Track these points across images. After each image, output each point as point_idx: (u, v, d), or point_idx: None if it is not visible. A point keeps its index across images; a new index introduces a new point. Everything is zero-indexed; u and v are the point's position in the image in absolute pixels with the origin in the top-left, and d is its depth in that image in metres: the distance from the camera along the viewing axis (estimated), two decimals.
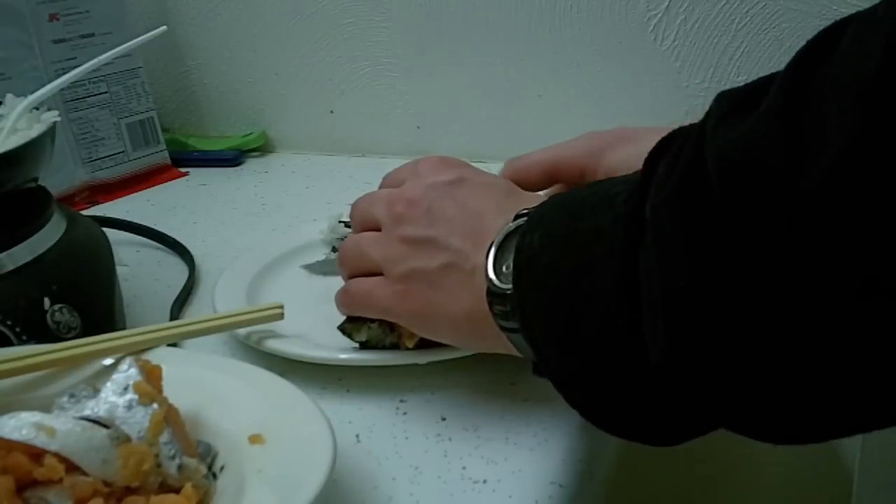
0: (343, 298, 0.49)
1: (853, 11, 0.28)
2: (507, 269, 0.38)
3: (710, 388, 0.31)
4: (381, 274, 0.46)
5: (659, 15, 0.77)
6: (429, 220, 0.44)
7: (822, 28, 0.28)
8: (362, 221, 0.49)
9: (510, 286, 0.37)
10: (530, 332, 0.37)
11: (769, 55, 0.74)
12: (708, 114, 0.30)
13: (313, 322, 0.53)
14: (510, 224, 0.39)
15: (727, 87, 0.31)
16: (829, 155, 0.24)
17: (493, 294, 0.38)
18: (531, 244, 0.36)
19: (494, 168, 0.86)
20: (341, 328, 0.49)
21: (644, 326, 0.31)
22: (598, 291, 0.33)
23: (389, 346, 0.48)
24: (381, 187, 0.51)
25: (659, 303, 0.30)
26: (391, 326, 0.48)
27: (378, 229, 0.47)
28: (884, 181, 0.23)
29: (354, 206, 0.51)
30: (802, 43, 0.28)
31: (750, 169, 0.26)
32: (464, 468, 0.41)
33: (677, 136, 0.32)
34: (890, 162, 0.23)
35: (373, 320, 0.47)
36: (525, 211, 0.39)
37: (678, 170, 0.29)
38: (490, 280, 0.38)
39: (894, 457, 0.67)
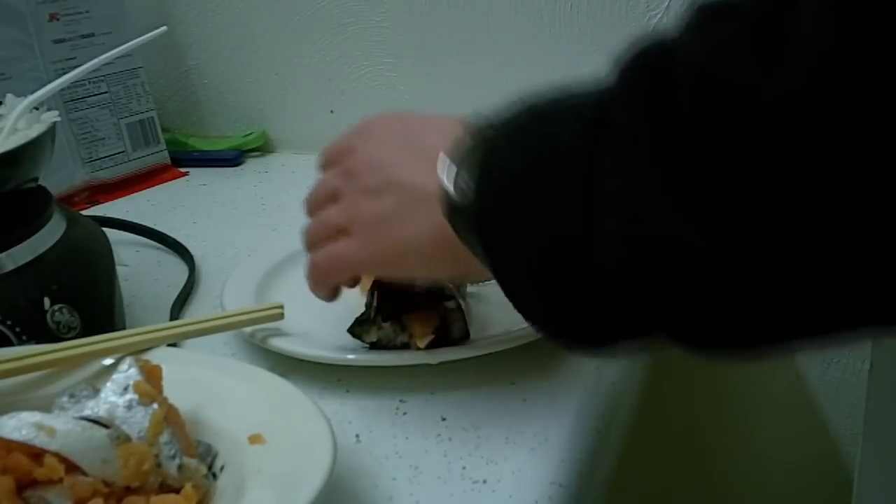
0: (313, 270, 0.48)
1: None
2: (466, 184, 0.38)
3: (657, 293, 0.30)
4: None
5: (659, 15, 0.77)
6: (379, 168, 0.44)
7: None
8: (321, 201, 0.48)
9: (471, 198, 0.37)
10: (489, 226, 0.36)
11: None
12: (684, 23, 0.29)
13: (319, 322, 0.53)
14: (467, 141, 0.39)
15: None
16: (796, 65, 0.24)
17: (452, 208, 0.38)
18: (499, 138, 0.36)
19: None
20: (351, 331, 0.49)
21: (599, 231, 0.31)
22: (558, 190, 0.33)
23: (400, 346, 0.48)
24: (325, 166, 0.50)
25: (615, 206, 0.30)
26: (402, 327, 0.48)
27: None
28: (850, 92, 0.23)
29: (309, 199, 0.50)
30: None
31: (717, 76, 0.26)
32: (464, 468, 0.41)
33: (652, 44, 0.31)
34: (858, 73, 0.23)
35: (384, 320, 0.47)
36: (485, 126, 0.38)
37: (649, 76, 0.29)
38: (448, 194, 0.38)
39: (894, 457, 0.67)
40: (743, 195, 0.26)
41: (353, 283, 0.50)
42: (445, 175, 0.39)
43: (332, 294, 0.49)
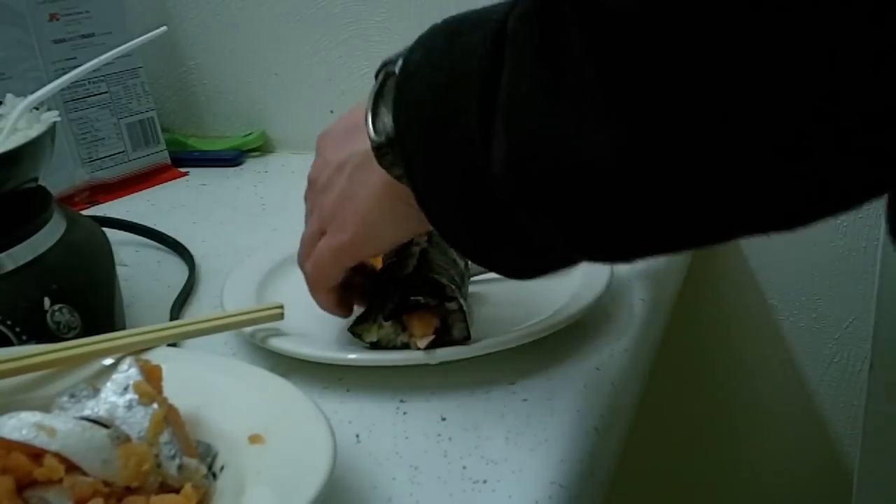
0: (308, 281, 0.49)
1: None
2: (383, 124, 0.39)
3: (541, 198, 0.31)
4: None
5: None
6: (326, 164, 0.47)
7: None
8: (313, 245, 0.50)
9: (391, 135, 0.38)
10: (404, 149, 0.37)
11: None
12: None
13: (319, 322, 0.53)
14: (379, 80, 0.40)
15: None
16: None
17: (378, 151, 0.39)
18: (413, 60, 0.37)
19: None
20: (351, 330, 0.49)
21: (494, 139, 0.32)
22: (463, 105, 0.33)
23: (400, 346, 0.48)
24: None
25: (503, 109, 0.31)
26: (403, 327, 0.48)
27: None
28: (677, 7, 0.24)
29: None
30: None
31: None
32: (464, 468, 0.41)
33: None
34: None
35: (385, 320, 0.47)
36: (394, 61, 0.39)
37: None
38: (372, 139, 0.39)
39: (894, 457, 0.67)
40: (613, 98, 0.27)
41: (356, 278, 0.50)
42: (370, 124, 0.40)
43: (341, 308, 0.50)
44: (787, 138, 0.25)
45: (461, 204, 0.36)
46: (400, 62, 0.38)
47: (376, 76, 0.40)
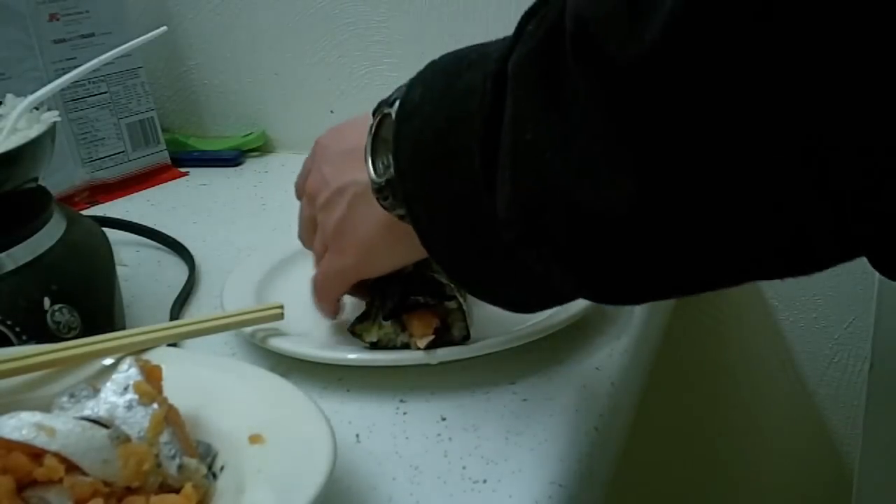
0: (314, 292, 0.51)
1: None
2: (384, 163, 0.39)
3: (549, 244, 0.31)
4: None
5: None
6: (326, 183, 0.47)
7: None
8: (307, 233, 0.52)
9: (391, 174, 0.38)
10: (405, 189, 0.37)
11: None
12: None
13: (319, 322, 0.53)
14: (376, 119, 0.40)
15: None
16: (658, 22, 0.24)
17: (377, 189, 0.40)
18: (412, 100, 0.37)
19: None
20: (351, 330, 0.49)
21: (497, 181, 0.32)
22: (464, 147, 0.33)
23: (400, 345, 0.48)
24: (298, 197, 0.53)
25: (508, 154, 0.31)
26: (402, 326, 0.48)
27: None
28: (703, 55, 0.23)
29: (300, 234, 0.54)
30: None
31: (594, 30, 0.26)
32: (464, 468, 0.41)
33: None
34: (710, 36, 0.23)
35: (385, 319, 0.47)
36: (393, 100, 0.39)
37: (542, 27, 0.30)
38: (371, 178, 0.40)
39: (894, 457, 0.67)
40: (619, 148, 0.27)
41: (356, 292, 0.51)
42: (370, 164, 0.41)
43: (335, 311, 0.52)
44: (789, 188, 0.25)
45: (465, 243, 0.36)
46: (397, 102, 0.38)
47: (374, 114, 0.41)
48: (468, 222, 0.35)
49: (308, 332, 0.52)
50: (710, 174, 0.25)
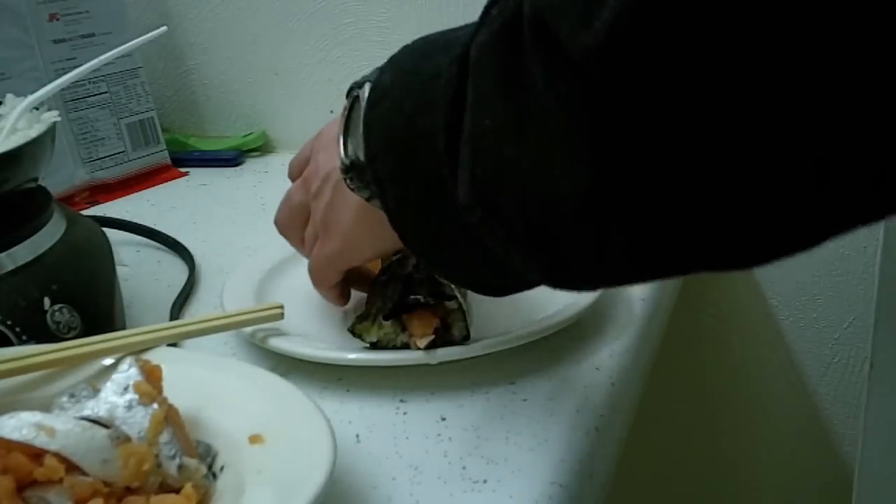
0: (310, 277, 0.51)
1: None
2: (354, 148, 0.39)
3: (505, 229, 0.31)
4: None
5: None
6: (318, 171, 0.47)
7: None
8: (293, 217, 0.52)
9: (361, 160, 0.38)
10: (374, 172, 0.37)
11: None
12: None
13: (319, 322, 0.53)
14: (349, 102, 0.40)
15: None
16: (608, 10, 0.24)
17: (343, 171, 0.40)
18: (383, 84, 0.37)
19: None
20: (351, 330, 0.49)
21: (458, 166, 0.32)
22: (430, 131, 0.33)
23: (400, 345, 0.48)
24: (292, 178, 0.53)
25: (468, 140, 0.31)
26: (403, 326, 0.48)
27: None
28: (653, 44, 0.23)
29: (280, 216, 0.54)
30: None
31: (549, 18, 0.26)
32: (464, 468, 0.41)
33: None
34: (660, 23, 0.23)
35: (385, 319, 0.47)
36: (364, 80, 0.39)
37: (504, 12, 0.30)
38: (340, 159, 0.40)
39: (894, 457, 0.67)
40: (568, 133, 0.27)
41: (357, 285, 0.52)
42: (340, 146, 0.41)
43: (339, 297, 0.52)
44: (740, 176, 0.24)
45: (433, 227, 0.37)
46: (367, 85, 0.38)
47: (346, 96, 0.41)
48: (435, 206, 0.35)
49: (308, 332, 0.52)
50: (662, 163, 0.25)
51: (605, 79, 0.25)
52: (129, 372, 0.38)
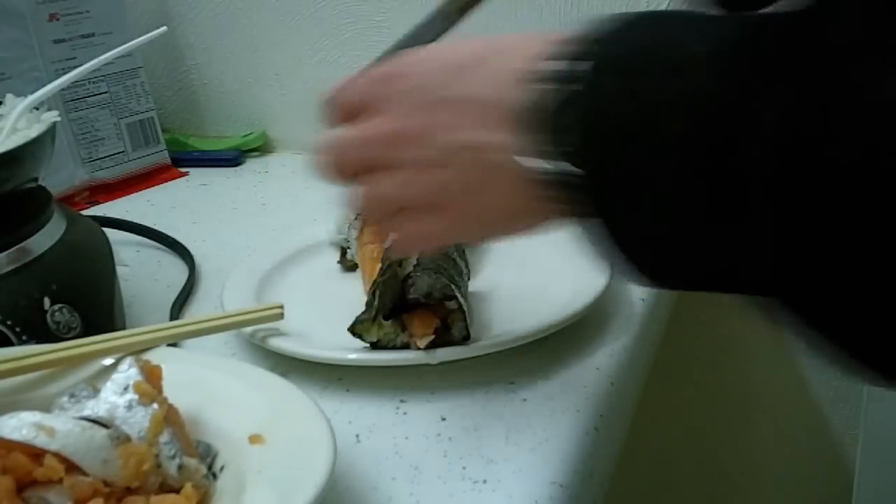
0: (397, 250, 0.44)
1: None
2: (558, 146, 0.33)
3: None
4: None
5: None
6: (426, 135, 0.39)
7: None
8: (352, 168, 0.43)
9: (572, 168, 0.32)
10: (597, 184, 0.32)
11: None
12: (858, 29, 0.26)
13: (319, 322, 0.53)
14: (525, 93, 0.34)
15: None
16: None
17: (543, 183, 0.34)
18: (607, 86, 0.31)
19: None
20: (351, 330, 0.49)
21: (747, 214, 0.27)
22: (678, 169, 0.29)
23: (400, 345, 0.48)
24: (343, 117, 0.44)
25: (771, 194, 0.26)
26: (403, 326, 0.48)
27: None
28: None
29: (326, 156, 0.43)
30: None
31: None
32: (464, 468, 0.41)
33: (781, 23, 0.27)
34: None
35: (385, 319, 0.47)
36: (553, 67, 0.33)
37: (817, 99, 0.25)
38: (536, 169, 0.34)
39: (894, 457, 0.67)
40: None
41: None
42: (526, 134, 0.34)
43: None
44: None
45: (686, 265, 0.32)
46: (583, 82, 0.32)
47: (534, 82, 0.34)
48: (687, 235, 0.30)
49: (308, 332, 0.52)
50: None
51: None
52: (129, 372, 0.38)
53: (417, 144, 0.39)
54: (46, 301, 0.48)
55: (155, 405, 0.37)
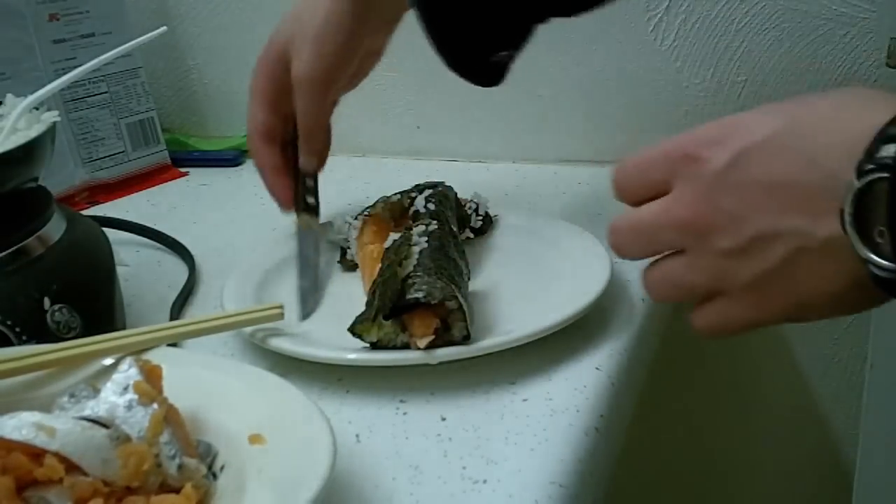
0: (702, 328, 0.42)
1: (853, 11, 0.28)
2: (881, 237, 0.31)
3: None
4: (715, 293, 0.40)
5: (659, 15, 0.77)
6: (736, 222, 0.37)
7: (821, 28, 0.27)
8: (649, 251, 0.42)
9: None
10: None
11: (769, 55, 0.74)
12: None
13: (319, 322, 0.53)
14: (857, 181, 0.32)
15: (727, 87, 0.30)
16: None
17: (879, 279, 0.32)
18: None
19: (497, 168, 0.86)
20: (351, 330, 0.48)
21: None
22: None
23: (400, 345, 0.48)
24: (621, 192, 0.43)
25: None
26: (403, 326, 0.47)
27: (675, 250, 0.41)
28: None
29: (622, 238, 0.43)
30: (802, 43, 0.27)
31: None
32: (464, 468, 0.41)
33: None
34: None
35: (385, 319, 0.47)
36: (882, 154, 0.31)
37: None
38: (870, 260, 0.32)
39: (894, 457, 0.67)
40: None
41: None
42: (859, 244, 0.32)
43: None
44: None
45: None
46: None
47: (859, 174, 0.32)
48: None
49: (308, 332, 0.52)
50: None
51: None
52: (129, 372, 0.38)
53: (726, 232, 0.37)
54: (46, 301, 0.48)
55: (155, 405, 0.37)
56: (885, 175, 0.31)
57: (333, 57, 0.57)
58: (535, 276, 0.57)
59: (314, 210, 0.63)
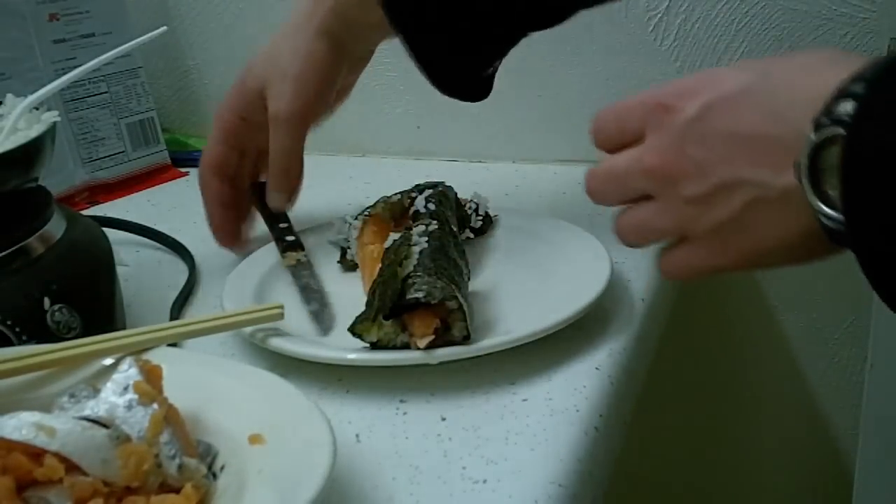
0: (666, 270, 0.45)
1: (853, 11, 0.28)
2: (833, 188, 0.33)
3: None
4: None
5: (659, 15, 0.77)
6: (701, 170, 0.39)
7: (821, 28, 0.27)
8: (622, 197, 0.44)
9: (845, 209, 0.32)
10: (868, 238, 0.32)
11: (769, 55, 0.74)
12: None
13: None
14: (814, 135, 0.33)
15: None
16: None
17: (830, 231, 0.34)
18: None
19: (497, 168, 0.86)
20: (351, 330, 0.48)
21: None
22: None
23: (400, 345, 0.48)
24: (598, 138, 0.45)
25: None
26: (403, 326, 0.47)
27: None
28: None
29: (597, 184, 0.45)
30: (802, 43, 0.27)
31: None
32: (464, 468, 0.41)
33: None
34: None
35: (385, 319, 0.47)
36: (838, 110, 0.32)
37: None
38: (821, 211, 0.33)
39: (894, 457, 0.67)
40: None
41: None
42: (812, 196, 0.33)
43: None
44: None
45: None
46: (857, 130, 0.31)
47: (817, 129, 0.33)
48: None
49: (308, 332, 0.52)
50: None
51: None
52: (129, 372, 0.38)
53: (691, 179, 0.39)
54: (46, 301, 0.48)
55: (155, 405, 0.37)
56: (840, 130, 0.32)
57: (313, 95, 0.59)
58: (535, 277, 0.57)
59: (297, 245, 0.62)
